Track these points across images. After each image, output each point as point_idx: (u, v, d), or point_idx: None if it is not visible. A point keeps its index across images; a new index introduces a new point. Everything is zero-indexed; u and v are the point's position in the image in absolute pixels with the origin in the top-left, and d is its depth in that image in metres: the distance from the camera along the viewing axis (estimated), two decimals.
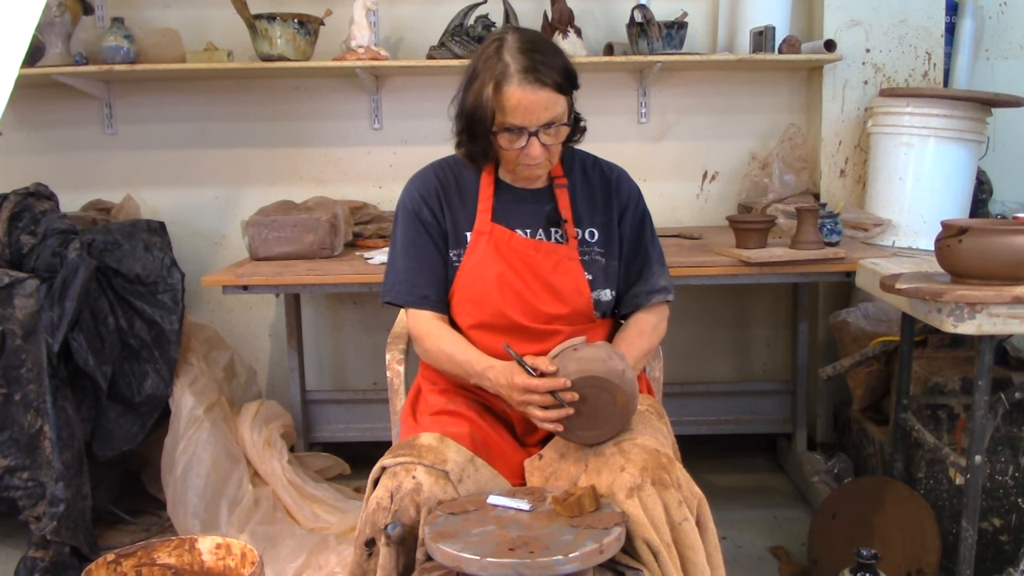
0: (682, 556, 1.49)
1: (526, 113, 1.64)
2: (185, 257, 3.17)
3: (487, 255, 1.75)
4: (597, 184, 1.85)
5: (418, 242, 1.78)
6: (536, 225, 1.79)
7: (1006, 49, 3.30)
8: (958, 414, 2.34)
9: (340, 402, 3.31)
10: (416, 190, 1.81)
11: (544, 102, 1.64)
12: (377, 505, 1.53)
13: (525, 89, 1.63)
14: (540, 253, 1.76)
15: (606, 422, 1.58)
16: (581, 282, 1.76)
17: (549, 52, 1.68)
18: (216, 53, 3.03)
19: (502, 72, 1.64)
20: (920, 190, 2.78)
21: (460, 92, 1.73)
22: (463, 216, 1.79)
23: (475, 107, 1.67)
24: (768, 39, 2.98)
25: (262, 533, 2.57)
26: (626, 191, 1.86)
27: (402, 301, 1.79)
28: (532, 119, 1.65)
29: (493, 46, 1.68)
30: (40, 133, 3.30)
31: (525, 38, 1.69)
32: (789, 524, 2.76)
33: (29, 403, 2.41)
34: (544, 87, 1.64)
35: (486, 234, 1.76)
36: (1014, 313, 1.78)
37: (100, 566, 1.62)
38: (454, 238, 1.79)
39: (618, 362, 1.58)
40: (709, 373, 3.42)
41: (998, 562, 2.31)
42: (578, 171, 1.85)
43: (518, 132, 1.66)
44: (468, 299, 1.75)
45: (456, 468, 1.56)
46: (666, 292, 1.85)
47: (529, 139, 1.67)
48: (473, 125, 1.69)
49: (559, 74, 1.66)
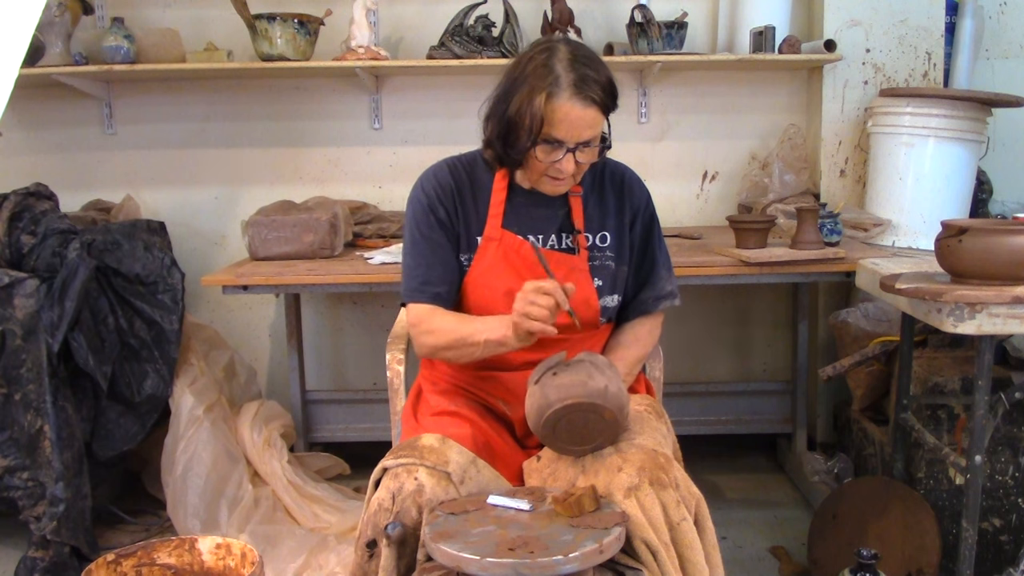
0: (681, 556, 1.49)
1: (570, 128, 1.62)
2: (185, 257, 3.17)
3: (495, 263, 1.74)
4: (609, 188, 1.84)
5: (432, 239, 1.75)
6: (548, 231, 1.77)
7: (1006, 49, 3.30)
8: (958, 414, 2.34)
9: (340, 402, 3.31)
10: (432, 188, 1.77)
11: (589, 120, 1.63)
12: (379, 506, 1.53)
13: (575, 104, 1.61)
14: (550, 263, 1.73)
15: (598, 435, 1.57)
16: (590, 293, 1.76)
17: (598, 67, 1.67)
18: (216, 53, 3.03)
19: (554, 83, 1.61)
20: (920, 190, 2.78)
21: (499, 95, 1.69)
22: (475, 219, 1.77)
23: (520, 115, 1.63)
24: (768, 39, 2.98)
25: (262, 533, 2.57)
26: (638, 194, 1.85)
27: (422, 301, 1.74)
28: (574, 135, 1.63)
29: (543, 56, 1.65)
30: (40, 133, 3.30)
31: (577, 50, 1.67)
32: (789, 524, 2.76)
33: (29, 403, 2.41)
34: (592, 104, 1.62)
35: (496, 240, 1.75)
36: (1014, 313, 1.78)
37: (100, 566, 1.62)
38: (465, 241, 1.77)
39: (599, 379, 1.53)
40: (709, 373, 3.42)
41: (998, 562, 2.31)
42: (589, 176, 1.82)
43: (557, 145, 1.64)
44: (475, 307, 1.74)
45: (458, 469, 1.56)
46: (672, 297, 1.85)
47: (566, 154, 1.65)
48: (514, 132, 1.66)
49: (606, 93, 1.65)
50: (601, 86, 1.64)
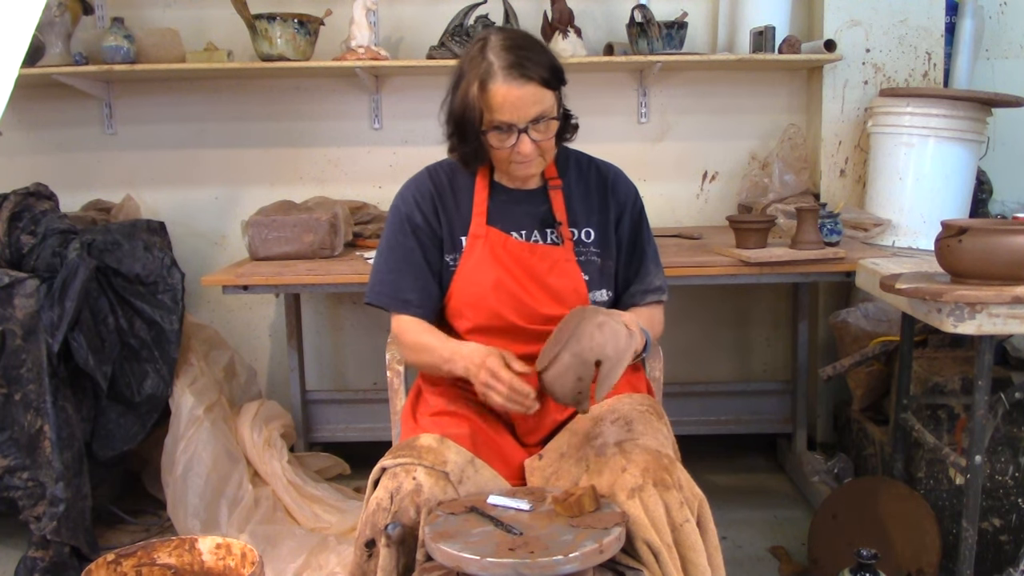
0: (683, 557, 1.49)
1: (513, 109, 1.64)
2: (185, 257, 3.17)
3: (483, 259, 1.75)
4: (593, 184, 1.84)
5: (406, 246, 1.78)
6: (531, 227, 1.79)
7: (1006, 49, 3.30)
8: (958, 414, 2.34)
9: (340, 402, 3.31)
10: (411, 194, 1.81)
11: (531, 97, 1.64)
12: (377, 506, 1.53)
13: (510, 85, 1.62)
14: (536, 256, 1.75)
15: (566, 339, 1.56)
16: (579, 283, 1.76)
17: (533, 48, 1.68)
18: (216, 53, 3.03)
19: (486, 70, 1.64)
20: (920, 190, 2.78)
21: (448, 95, 1.73)
22: (458, 220, 1.79)
23: (463, 108, 1.67)
24: (768, 39, 2.98)
25: (262, 533, 2.57)
26: (623, 191, 1.86)
27: (384, 303, 1.80)
28: (520, 115, 1.64)
29: (477, 46, 1.68)
30: (40, 133, 3.30)
31: (509, 36, 1.69)
32: (789, 524, 2.76)
33: (29, 403, 2.41)
34: (530, 82, 1.63)
35: (481, 237, 1.76)
36: (1014, 313, 1.78)
37: (100, 566, 1.62)
38: (449, 243, 1.78)
39: None
40: (709, 373, 3.42)
41: (998, 562, 2.31)
42: (573, 171, 1.84)
43: (507, 130, 1.66)
44: (465, 303, 1.75)
45: (456, 469, 1.56)
46: (660, 292, 1.85)
47: (519, 136, 1.66)
48: (462, 126, 1.69)
49: (544, 69, 1.65)
50: (537, 63, 1.65)
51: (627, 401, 1.74)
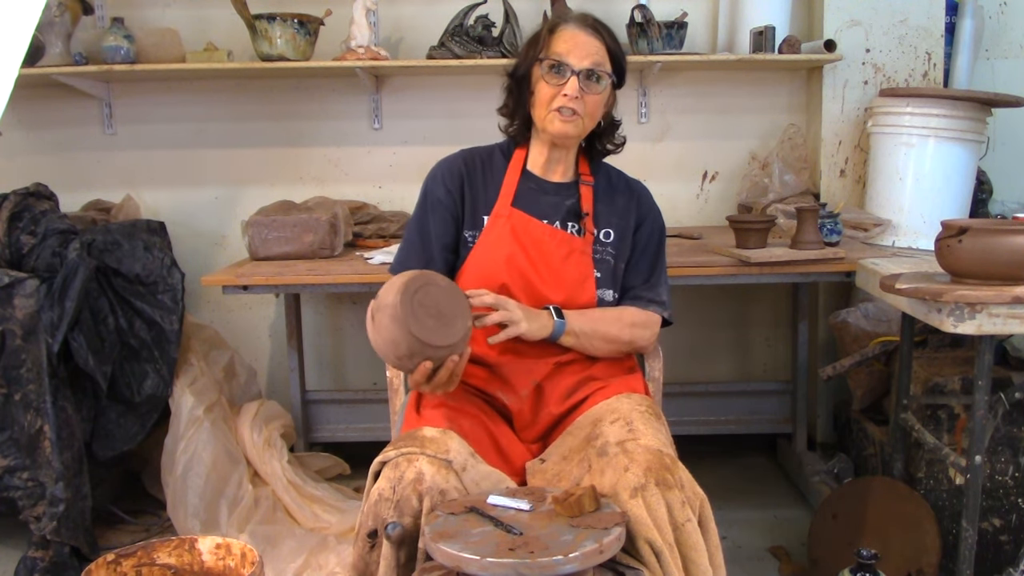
0: (684, 556, 1.49)
1: (574, 48, 1.73)
2: (185, 257, 3.17)
3: (502, 236, 1.79)
4: (620, 191, 1.90)
5: (423, 221, 1.83)
6: (555, 217, 1.82)
7: (1006, 49, 3.30)
8: (958, 414, 2.34)
9: (340, 402, 3.31)
10: (439, 171, 1.86)
11: (593, 47, 1.75)
12: (379, 496, 1.53)
13: (578, 30, 1.75)
14: (554, 241, 1.79)
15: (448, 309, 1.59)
16: (588, 275, 1.80)
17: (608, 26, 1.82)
18: (216, 53, 3.03)
19: (561, 17, 1.80)
20: (920, 190, 2.78)
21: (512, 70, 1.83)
22: (483, 200, 1.83)
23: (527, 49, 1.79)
24: (768, 39, 2.98)
25: (262, 533, 2.57)
26: (647, 205, 1.92)
27: (393, 272, 1.82)
28: (577, 56, 1.73)
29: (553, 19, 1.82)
30: (40, 133, 3.30)
31: None
32: (789, 524, 2.76)
33: (29, 403, 2.41)
34: (597, 35, 1.76)
35: (504, 217, 1.80)
36: (1014, 313, 1.78)
37: (100, 566, 1.62)
38: (471, 219, 1.82)
39: None
40: (709, 373, 3.42)
41: (998, 562, 2.31)
42: (603, 176, 1.90)
43: (560, 70, 1.73)
44: (477, 275, 1.78)
45: (459, 458, 1.57)
46: (663, 307, 1.88)
47: (570, 77, 1.72)
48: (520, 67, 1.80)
49: (613, 39, 1.79)
50: (608, 32, 1.79)
51: (626, 401, 1.74)
